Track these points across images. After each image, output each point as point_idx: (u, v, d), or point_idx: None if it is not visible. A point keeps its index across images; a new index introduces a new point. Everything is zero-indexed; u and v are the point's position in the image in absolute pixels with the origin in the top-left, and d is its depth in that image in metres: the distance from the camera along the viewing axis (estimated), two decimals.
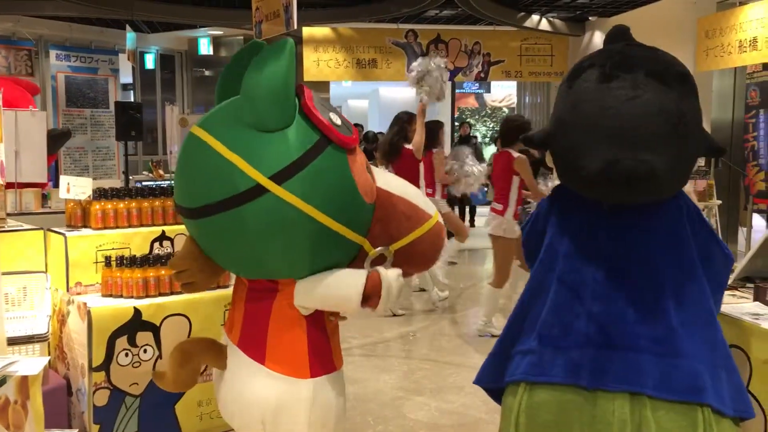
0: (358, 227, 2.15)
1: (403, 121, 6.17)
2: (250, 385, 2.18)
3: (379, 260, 2.22)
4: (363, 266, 2.21)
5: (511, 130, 5.34)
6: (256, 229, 2.02)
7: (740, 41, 7.69)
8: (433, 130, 6.31)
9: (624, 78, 1.74)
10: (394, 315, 6.06)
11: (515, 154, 5.26)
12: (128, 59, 9.30)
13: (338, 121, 2.10)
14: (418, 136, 5.94)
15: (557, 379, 1.78)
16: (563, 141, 1.81)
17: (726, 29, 7.94)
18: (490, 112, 16.47)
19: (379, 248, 2.21)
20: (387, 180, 2.29)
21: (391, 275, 2.15)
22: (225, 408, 2.30)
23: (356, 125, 11.51)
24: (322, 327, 2.23)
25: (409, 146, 5.99)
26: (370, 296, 2.13)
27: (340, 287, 2.13)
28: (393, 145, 6.07)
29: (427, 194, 5.51)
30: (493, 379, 2.02)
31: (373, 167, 2.31)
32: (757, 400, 2.30)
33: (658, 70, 1.77)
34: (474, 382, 2.10)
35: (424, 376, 4.64)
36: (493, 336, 5.31)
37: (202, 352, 2.37)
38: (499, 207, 5.35)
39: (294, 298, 2.15)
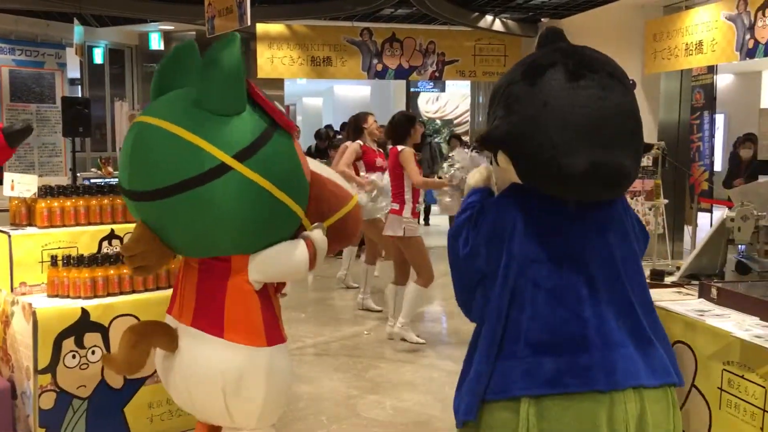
0: (303, 202, 2.43)
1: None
2: (210, 358, 2.33)
3: None
4: None
5: (401, 125, 5.26)
6: (220, 205, 2.22)
7: (686, 44, 7.90)
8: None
9: (591, 77, 1.76)
10: (348, 287, 6.14)
11: (400, 148, 5.15)
12: (76, 53, 9.08)
13: (282, 109, 2.38)
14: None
15: (572, 388, 1.71)
16: (536, 140, 1.76)
17: (673, 32, 8.14)
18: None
19: (316, 224, 2.50)
20: (313, 164, 2.58)
21: (316, 236, 2.47)
22: (179, 388, 2.42)
23: (327, 126, 11.43)
24: (270, 301, 2.46)
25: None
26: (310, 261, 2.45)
27: (291, 258, 2.39)
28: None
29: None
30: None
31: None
32: (702, 396, 2.37)
33: (615, 71, 1.82)
34: (461, 419, 1.86)
35: (379, 375, 4.64)
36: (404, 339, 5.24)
37: (154, 333, 2.45)
38: (396, 206, 5.19)
39: (249, 273, 2.35)
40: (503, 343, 1.80)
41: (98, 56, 11.93)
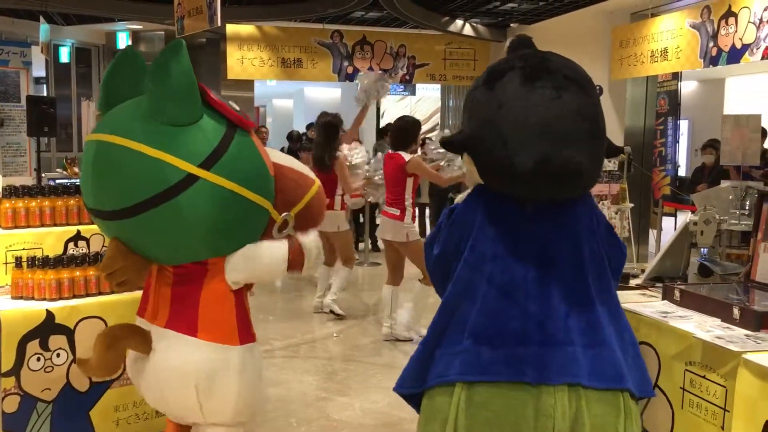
0: (270, 197, 2.45)
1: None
2: (183, 357, 2.36)
3: (283, 226, 2.53)
4: (272, 234, 2.50)
5: (401, 131, 5.31)
6: (193, 215, 2.23)
7: (652, 51, 8.04)
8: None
9: (547, 78, 1.80)
10: (337, 315, 6.02)
11: (407, 157, 5.19)
12: (41, 52, 8.92)
13: (237, 108, 2.39)
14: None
15: (502, 377, 1.78)
16: (491, 140, 1.82)
17: (639, 39, 8.28)
18: None
19: (284, 214, 2.51)
20: (274, 155, 2.61)
21: (308, 241, 2.50)
22: (152, 388, 2.45)
23: (309, 125, 11.30)
24: (244, 301, 2.49)
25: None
26: (294, 262, 2.46)
27: (268, 258, 2.42)
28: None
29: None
30: (417, 384, 1.96)
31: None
32: (665, 395, 2.42)
33: (574, 73, 1.86)
34: (395, 389, 2.05)
35: (348, 377, 4.65)
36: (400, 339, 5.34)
37: (128, 336, 2.45)
38: (396, 212, 5.23)
39: (226, 274, 2.38)
40: (449, 331, 1.89)
41: (64, 55, 11.74)
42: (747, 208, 4.21)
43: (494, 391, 1.78)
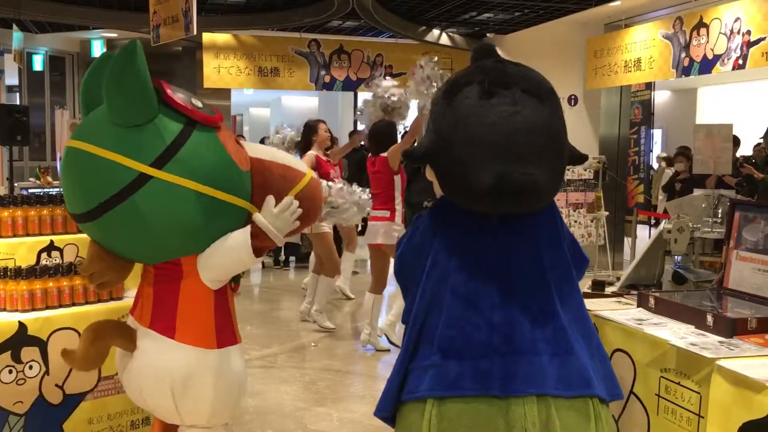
0: (242, 193, 2.40)
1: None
2: (160, 358, 2.35)
3: None
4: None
5: (382, 135, 5.31)
6: (150, 214, 2.24)
7: (626, 61, 8.16)
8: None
9: (503, 94, 1.79)
10: (326, 329, 5.94)
11: (385, 154, 5.22)
12: (14, 60, 8.82)
13: (200, 104, 2.35)
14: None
15: (469, 391, 1.77)
16: (448, 157, 1.83)
17: (613, 50, 8.39)
18: None
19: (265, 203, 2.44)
20: (256, 149, 2.57)
21: (255, 216, 2.38)
22: (132, 386, 2.46)
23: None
24: (226, 303, 2.46)
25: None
26: (259, 243, 2.37)
27: (232, 248, 2.35)
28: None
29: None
30: (396, 405, 1.93)
31: (241, 140, 2.58)
32: (641, 402, 2.44)
33: (532, 87, 1.85)
34: (375, 414, 2.00)
35: (326, 387, 4.63)
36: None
37: (113, 332, 2.47)
38: (386, 213, 5.25)
39: (200, 273, 2.36)
40: (419, 346, 1.88)
41: (38, 63, 11.61)
42: (719, 216, 4.28)
43: (463, 406, 1.77)
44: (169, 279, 2.40)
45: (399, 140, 5.43)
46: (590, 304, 2.77)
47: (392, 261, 5.20)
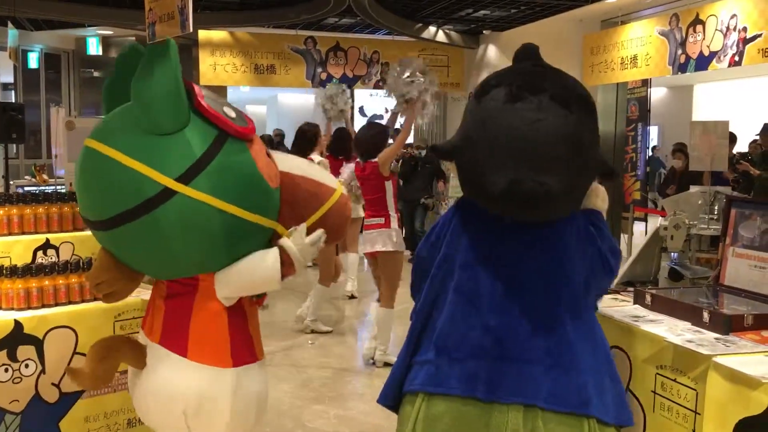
0: (269, 213, 2.24)
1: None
2: (172, 378, 2.21)
3: None
4: None
5: (377, 143, 5.20)
6: (171, 231, 2.08)
7: (622, 58, 8.16)
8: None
9: (530, 100, 1.77)
10: (315, 331, 5.91)
11: (375, 159, 5.12)
12: (10, 58, 8.78)
13: (233, 114, 2.18)
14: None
15: (454, 390, 1.78)
16: (468, 156, 1.83)
17: (609, 46, 8.39)
18: None
19: (292, 228, 2.30)
20: (288, 163, 2.40)
21: (287, 243, 2.23)
22: (140, 404, 2.34)
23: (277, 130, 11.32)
24: (243, 318, 2.31)
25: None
26: (285, 266, 2.23)
27: (258, 269, 2.22)
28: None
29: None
30: (397, 395, 1.97)
31: (273, 152, 2.40)
32: (637, 399, 2.44)
33: (562, 93, 1.81)
34: (378, 401, 2.04)
35: (323, 384, 4.63)
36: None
37: (122, 348, 2.37)
38: (380, 220, 5.13)
39: (216, 290, 2.22)
40: (422, 340, 1.90)
41: (33, 61, 11.58)
42: (716, 212, 4.30)
43: (448, 404, 1.78)
44: (182, 294, 2.26)
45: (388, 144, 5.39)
46: None
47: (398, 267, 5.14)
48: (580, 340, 1.84)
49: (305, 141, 6.00)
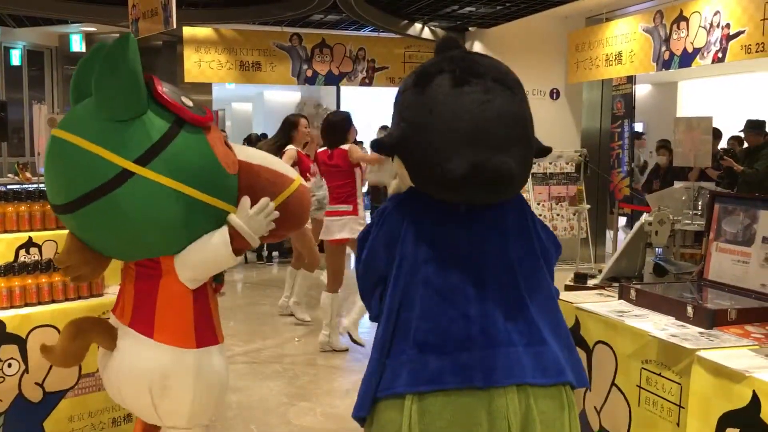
0: (226, 196, 2.38)
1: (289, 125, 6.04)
2: (139, 357, 2.34)
3: None
4: None
5: (338, 127, 5.24)
6: (130, 212, 2.21)
7: (607, 55, 8.19)
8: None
9: (475, 83, 1.79)
10: (301, 321, 5.95)
11: (346, 146, 5.17)
12: None
13: (190, 103, 2.32)
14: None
15: (450, 384, 1.76)
16: (421, 146, 1.81)
17: (594, 43, 8.42)
18: None
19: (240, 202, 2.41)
20: (248, 152, 2.56)
21: (234, 217, 2.36)
22: (111, 384, 2.44)
23: (262, 135, 11.20)
24: (206, 302, 2.44)
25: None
26: (237, 243, 2.35)
27: (208, 245, 2.33)
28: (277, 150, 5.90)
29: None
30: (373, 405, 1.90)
31: (234, 144, 2.56)
32: (622, 393, 2.45)
33: (501, 76, 1.85)
34: (353, 416, 1.97)
35: (309, 381, 4.62)
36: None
37: (94, 329, 2.45)
38: (348, 207, 5.16)
39: (177, 272, 2.34)
40: (394, 341, 1.85)
41: (15, 58, 11.46)
42: (699, 208, 4.33)
43: (445, 399, 1.76)
44: (148, 276, 2.37)
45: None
46: (572, 296, 2.78)
47: (352, 257, 5.20)
48: (541, 315, 1.87)
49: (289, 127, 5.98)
